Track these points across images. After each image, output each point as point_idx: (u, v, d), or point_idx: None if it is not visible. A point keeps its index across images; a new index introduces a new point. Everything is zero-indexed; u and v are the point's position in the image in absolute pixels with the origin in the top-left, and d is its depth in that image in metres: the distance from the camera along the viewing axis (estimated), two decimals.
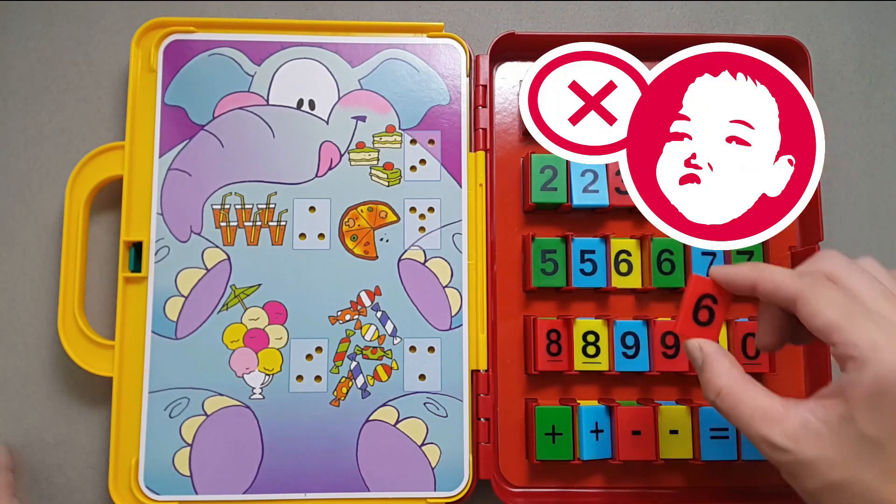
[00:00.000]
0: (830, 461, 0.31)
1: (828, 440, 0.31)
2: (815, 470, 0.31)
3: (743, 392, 0.33)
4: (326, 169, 0.46)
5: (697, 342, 0.36)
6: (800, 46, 0.48)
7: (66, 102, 0.49)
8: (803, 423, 0.31)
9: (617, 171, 0.46)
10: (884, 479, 0.30)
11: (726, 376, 0.34)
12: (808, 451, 0.31)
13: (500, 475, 0.45)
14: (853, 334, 0.30)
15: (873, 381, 0.30)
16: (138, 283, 0.45)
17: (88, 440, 0.46)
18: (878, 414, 0.30)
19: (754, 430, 0.33)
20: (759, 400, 0.33)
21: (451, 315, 0.45)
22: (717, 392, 0.34)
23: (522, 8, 0.51)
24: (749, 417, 0.33)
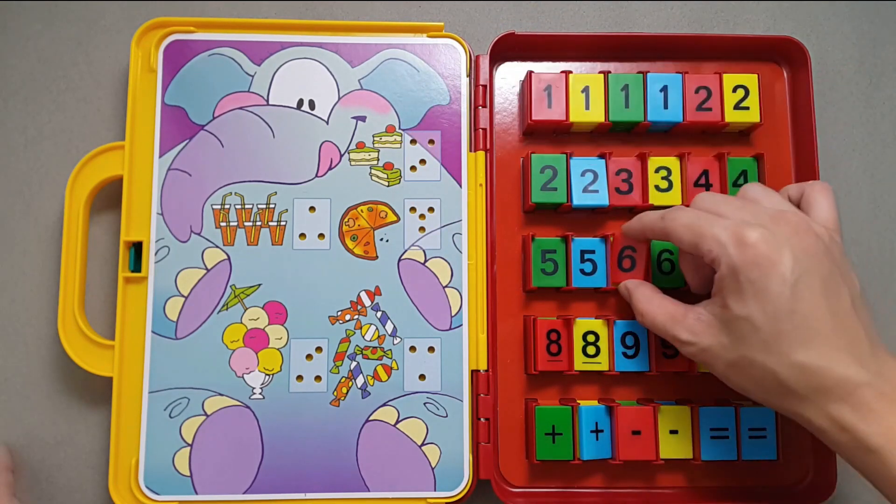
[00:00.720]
0: (723, 344, 0.37)
1: (717, 327, 0.38)
2: (715, 354, 0.38)
3: (658, 307, 0.41)
4: (326, 169, 0.46)
5: (623, 283, 0.44)
6: (800, 46, 0.48)
7: (66, 102, 0.49)
8: (697, 318, 0.39)
9: (617, 171, 0.46)
10: (764, 350, 0.36)
11: (644, 299, 0.42)
12: (705, 339, 0.38)
13: (500, 475, 0.45)
14: (706, 242, 0.37)
15: (728, 271, 0.36)
16: (138, 283, 0.45)
17: (88, 440, 0.46)
18: (740, 295, 0.36)
19: (668, 333, 0.40)
20: (667, 308, 0.40)
21: (451, 315, 0.45)
22: (642, 313, 0.42)
23: (522, 8, 0.51)
24: (663, 323, 0.40)
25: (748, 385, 0.37)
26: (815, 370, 0.35)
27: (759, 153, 0.47)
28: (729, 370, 0.38)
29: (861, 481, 0.46)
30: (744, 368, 0.37)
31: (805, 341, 0.35)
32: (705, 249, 0.37)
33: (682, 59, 0.49)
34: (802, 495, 0.45)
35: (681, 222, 0.39)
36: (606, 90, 0.46)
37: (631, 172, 0.46)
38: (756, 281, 0.35)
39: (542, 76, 0.47)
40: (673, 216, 0.40)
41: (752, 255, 0.36)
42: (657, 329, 0.41)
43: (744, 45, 0.49)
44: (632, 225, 0.43)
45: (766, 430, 0.44)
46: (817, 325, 0.35)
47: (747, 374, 0.37)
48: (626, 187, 0.46)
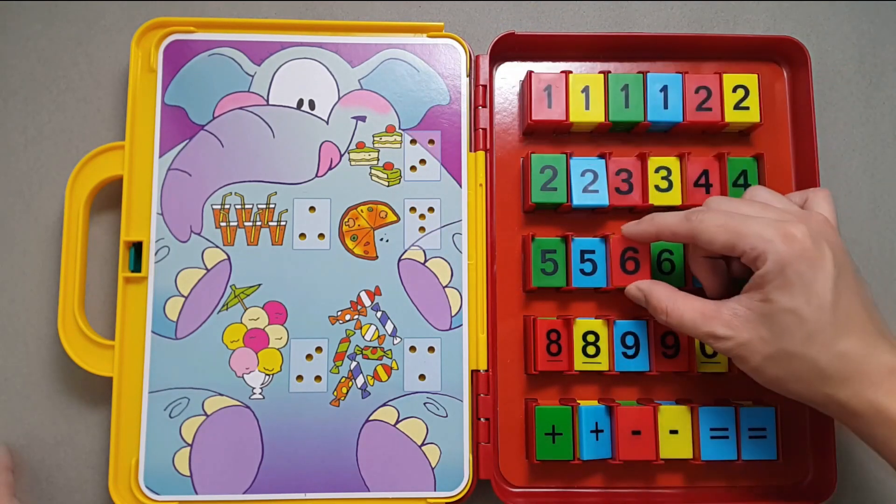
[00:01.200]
0: (763, 338, 0.38)
1: (756, 321, 0.38)
2: (753, 348, 0.38)
3: (683, 304, 0.41)
4: (326, 169, 0.46)
5: (634, 284, 0.44)
6: (800, 46, 0.48)
7: (66, 102, 0.49)
8: (734, 313, 0.39)
9: (617, 170, 0.46)
10: (808, 341, 0.37)
11: (666, 298, 0.41)
12: (743, 333, 0.38)
13: (500, 475, 0.45)
14: (748, 240, 0.38)
15: (776, 264, 0.37)
16: (138, 283, 0.45)
17: (88, 440, 0.46)
18: (787, 287, 0.37)
19: (701, 330, 0.39)
20: (695, 305, 0.40)
21: (451, 315, 0.45)
22: (665, 313, 0.41)
23: (522, 8, 0.51)
24: (693, 322, 0.40)
25: (785, 376, 0.38)
26: (855, 356, 0.36)
27: (759, 153, 0.47)
28: (766, 363, 0.38)
29: (861, 481, 0.46)
30: (782, 360, 0.37)
31: (847, 331, 0.37)
32: (747, 247, 0.38)
33: (682, 59, 0.49)
34: (802, 495, 0.45)
35: (714, 223, 0.39)
36: (606, 90, 0.46)
37: (631, 172, 0.46)
38: (804, 274, 0.37)
39: (542, 76, 0.47)
40: (701, 217, 0.40)
41: (799, 249, 0.37)
42: (685, 327, 0.40)
43: (744, 45, 0.49)
44: (642, 228, 0.43)
45: (766, 430, 0.44)
46: (855, 315, 0.37)
47: (786, 365, 0.38)
48: (626, 187, 0.46)
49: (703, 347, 0.45)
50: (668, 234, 0.41)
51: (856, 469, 0.47)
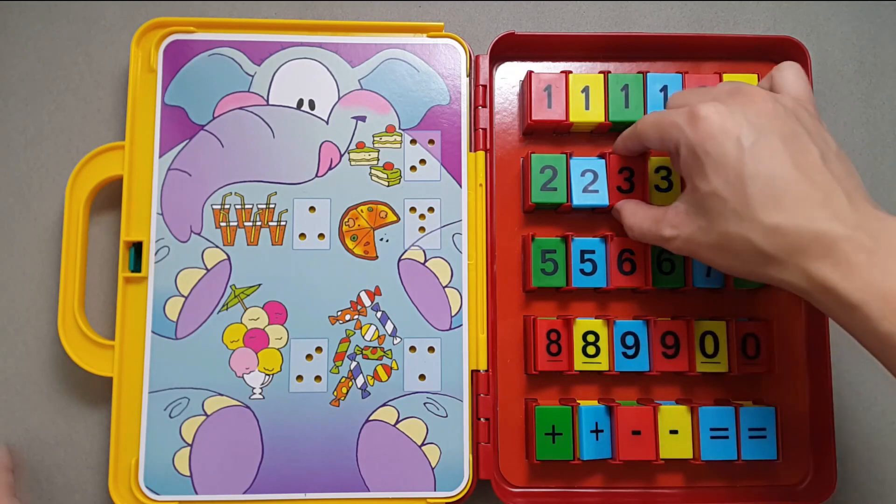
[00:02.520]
0: (702, 228, 0.37)
1: (692, 213, 0.38)
2: (698, 240, 0.38)
3: (642, 215, 0.42)
4: (326, 169, 0.46)
5: (616, 204, 0.45)
6: (800, 46, 0.48)
7: (66, 102, 0.49)
8: (676, 211, 0.39)
9: (618, 170, 0.46)
10: (737, 220, 0.35)
11: (630, 214, 0.43)
12: (685, 229, 0.38)
13: (500, 475, 0.45)
14: (667, 132, 0.38)
15: (687, 151, 0.37)
16: (138, 283, 0.45)
17: (88, 440, 0.46)
18: (701, 171, 0.36)
19: (655, 235, 0.40)
20: (649, 213, 0.42)
21: (451, 315, 0.45)
22: (630, 227, 0.43)
23: (522, 8, 0.51)
24: (648, 228, 0.41)
25: (732, 262, 0.37)
26: (788, 230, 0.34)
27: None
28: (713, 253, 0.38)
29: (861, 481, 0.46)
30: (724, 247, 0.37)
31: (774, 202, 0.34)
32: (669, 141, 0.38)
33: (682, 58, 0.49)
34: (802, 495, 0.45)
35: (648, 121, 0.40)
36: (606, 90, 0.46)
37: (632, 171, 0.46)
38: (712, 152, 0.36)
39: (542, 76, 0.47)
40: (642, 120, 0.41)
41: (704, 127, 0.36)
42: (646, 237, 0.41)
43: (744, 45, 0.49)
44: (617, 142, 0.45)
45: (766, 430, 0.44)
46: (783, 184, 0.34)
47: (729, 251, 0.36)
48: (627, 187, 0.46)
49: (703, 347, 0.45)
50: (629, 143, 0.43)
51: (856, 469, 0.47)
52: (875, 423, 0.48)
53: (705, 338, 0.45)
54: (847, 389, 0.47)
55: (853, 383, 0.48)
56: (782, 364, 0.46)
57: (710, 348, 0.45)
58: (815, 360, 0.46)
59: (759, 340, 0.45)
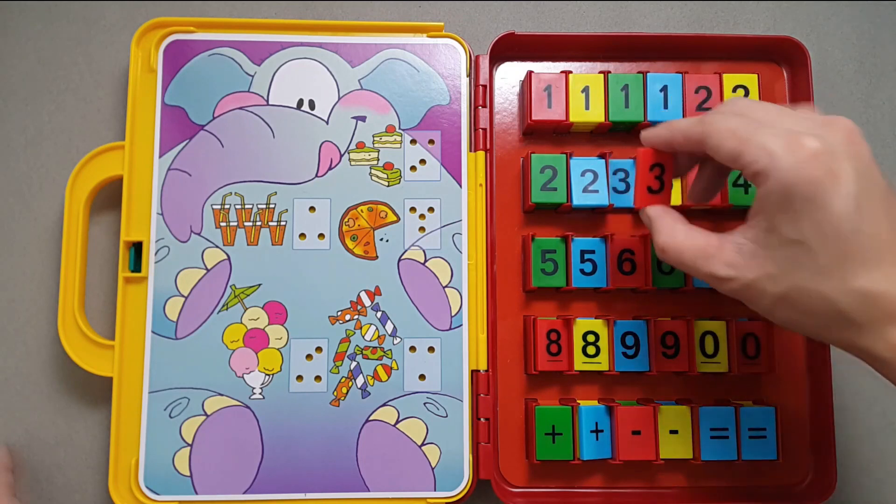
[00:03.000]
0: (770, 275, 0.32)
1: (762, 256, 0.33)
2: (761, 288, 0.33)
3: (683, 240, 0.36)
4: (326, 169, 0.46)
5: (647, 209, 0.39)
6: (800, 46, 0.48)
7: (66, 102, 0.49)
8: (737, 249, 0.33)
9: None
10: (819, 277, 0.31)
11: (668, 230, 0.37)
12: (747, 272, 0.33)
13: (500, 475, 0.45)
14: (751, 152, 0.32)
15: (779, 187, 0.31)
16: (138, 283, 0.45)
17: (88, 440, 0.46)
18: (792, 215, 0.31)
19: (701, 270, 0.35)
20: (697, 241, 0.35)
21: (451, 315, 0.45)
22: (662, 248, 0.36)
23: (522, 8, 0.51)
24: (693, 260, 0.35)
25: (800, 318, 0.33)
26: (879, 295, 0.30)
27: None
28: (776, 305, 0.33)
29: (861, 481, 0.46)
30: (795, 301, 0.32)
31: (869, 263, 0.30)
32: (748, 160, 0.32)
33: (682, 58, 0.49)
34: (802, 495, 0.45)
35: (725, 126, 0.33)
36: (606, 90, 0.46)
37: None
38: (814, 198, 0.30)
39: (542, 76, 0.47)
40: (713, 119, 0.34)
41: (808, 165, 0.30)
42: (685, 266, 0.35)
43: (744, 45, 0.49)
44: (659, 133, 0.38)
45: (766, 430, 0.44)
46: (881, 244, 0.31)
47: (799, 306, 0.32)
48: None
49: (703, 347, 0.45)
50: (680, 139, 0.37)
51: (856, 469, 0.47)
52: (875, 423, 0.48)
53: (705, 338, 0.45)
54: (847, 389, 0.47)
55: (853, 383, 0.48)
56: (782, 364, 0.46)
57: (710, 348, 0.45)
58: (815, 360, 0.46)
59: (759, 340, 0.45)
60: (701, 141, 0.35)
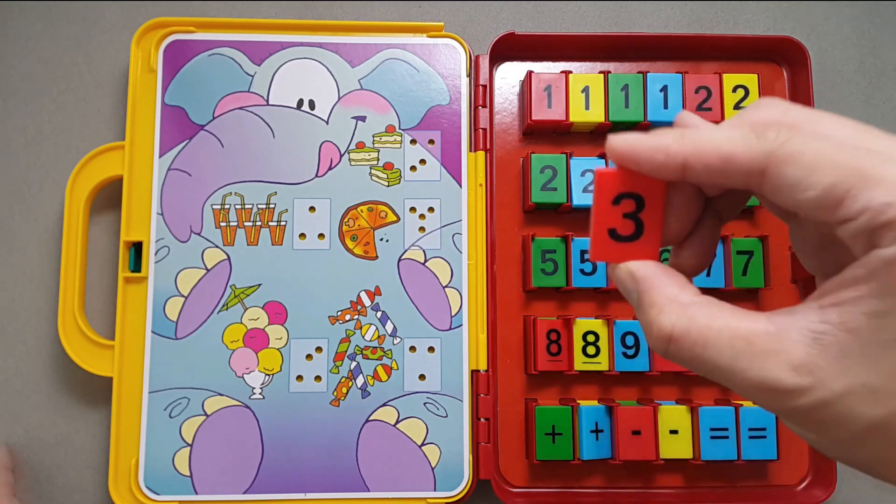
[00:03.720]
0: (871, 388, 0.20)
1: (860, 356, 0.20)
2: (849, 408, 0.20)
3: (709, 323, 0.22)
4: (326, 169, 0.46)
5: (627, 266, 0.25)
6: (800, 46, 0.48)
7: (65, 102, 0.49)
8: (815, 340, 0.20)
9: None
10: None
11: (676, 308, 0.22)
12: (833, 381, 0.20)
13: (500, 475, 0.45)
14: (880, 188, 0.19)
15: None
16: (138, 283, 0.45)
17: (88, 440, 0.46)
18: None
19: (745, 377, 0.21)
20: (735, 326, 0.21)
21: (450, 315, 0.45)
22: (669, 335, 0.22)
23: (522, 8, 0.51)
24: (730, 359, 0.21)
25: (893, 458, 0.21)
26: None
27: None
28: (867, 436, 0.21)
29: (861, 481, 0.46)
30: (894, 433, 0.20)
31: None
32: (878, 202, 0.19)
33: (681, 58, 0.49)
34: (802, 495, 0.45)
35: (816, 149, 0.21)
36: (606, 90, 0.46)
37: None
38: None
39: (542, 76, 0.47)
40: (787, 139, 0.21)
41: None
42: (711, 368, 0.22)
43: (744, 45, 0.49)
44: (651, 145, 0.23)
45: (766, 430, 0.44)
46: None
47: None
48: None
49: None
50: (713, 159, 0.22)
51: (855, 469, 0.47)
52: None
53: None
54: None
55: None
56: None
57: None
58: None
59: None
60: (758, 171, 0.21)
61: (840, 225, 0.20)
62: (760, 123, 0.22)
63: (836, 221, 0.20)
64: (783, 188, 0.21)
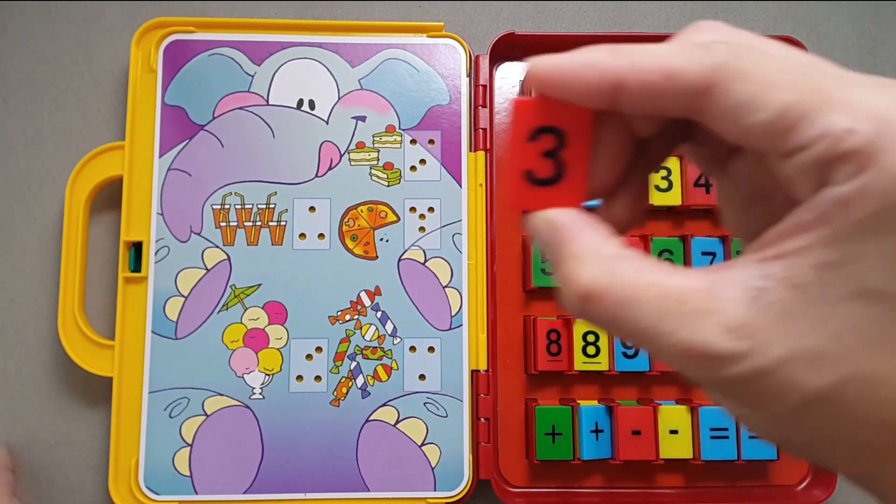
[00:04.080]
0: (816, 353, 0.17)
1: (805, 316, 0.17)
2: (790, 376, 0.17)
3: (634, 278, 0.18)
4: (326, 169, 0.46)
5: (546, 213, 0.20)
6: (800, 46, 0.47)
7: (66, 102, 0.49)
8: (755, 298, 0.17)
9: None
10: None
11: (598, 261, 0.19)
12: (773, 345, 0.17)
13: (500, 475, 0.45)
14: (844, 110, 0.17)
15: (890, 186, 0.16)
16: (138, 283, 0.45)
17: (88, 440, 0.46)
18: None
19: (671, 341, 0.17)
20: (663, 283, 0.18)
21: (450, 315, 0.45)
22: (587, 291, 0.18)
23: (522, 8, 0.51)
24: (656, 320, 0.18)
25: (843, 437, 0.17)
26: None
27: None
28: (809, 411, 0.17)
29: None
30: (848, 403, 0.17)
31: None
32: (830, 128, 0.16)
33: None
34: (802, 495, 0.45)
35: (766, 67, 0.18)
36: None
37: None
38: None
39: None
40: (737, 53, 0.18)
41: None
42: (635, 327, 0.18)
43: None
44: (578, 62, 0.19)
45: None
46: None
47: (852, 414, 0.17)
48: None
49: None
50: (655, 76, 0.19)
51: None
52: None
53: None
54: None
55: None
56: None
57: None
58: None
59: None
60: (704, 88, 0.18)
61: (789, 157, 0.17)
62: (706, 41, 0.20)
63: (787, 151, 0.17)
64: (730, 109, 0.18)
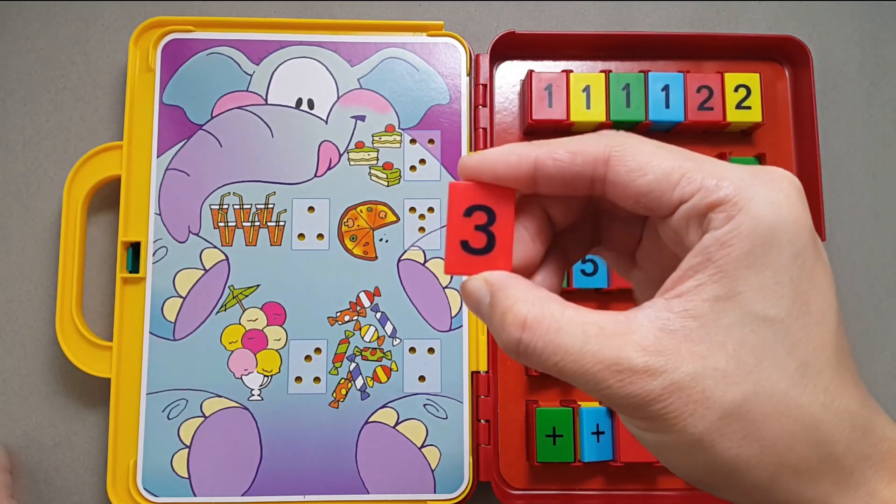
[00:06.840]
0: (722, 371, 0.20)
1: (704, 340, 0.20)
2: (703, 391, 0.20)
3: (561, 310, 0.22)
4: (325, 169, 0.46)
5: (482, 275, 0.24)
6: (802, 46, 0.47)
7: (64, 102, 0.49)
8: (663, 326, 0.20)
9: None
10: (800, 379, 0.20)
11: (530, 298, 0.22)
12: (682, 362, 0.20)
13: (500, 477, 0.45)
14: (712, 173, 0.21)
15: (757, 226, 0.20)
16: (136, 283, 0.45)
17: (86, 441, 0.46)
18: (772, 273, 0.20)
19: (597, 359, 0.20)
20: (585, 314, 0.22)
21: (450, 316, 0.45)
22: (523, 321, 0.22)
23: (523, 7, 0.51)
24: (582, 343, 0.21)
25: (751, 454, 0.20)
26: (863, 423, 0.21)
27: (761, 153, 0.47)
28: (719, 426, 0.20)
29: None
30: (746, 418, 0.20)
31: (850, 380, 0.21)
32: (705, 183, 0.21)
33: (683, 58, 0.49)
34: None
35: (652, 148, 0.22)
36: (607, 89, 0.46)
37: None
38: (814, 249, 0.21)
39: (543, 75, 0.46)
40: (632, 138, 0.23)
41: (802, 208, 0.21)
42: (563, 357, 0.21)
43: (745, 45, 0.48)
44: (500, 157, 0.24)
45: None
46: (851, 359, 0.22)
47: (757, 430, 0.20)
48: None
49: None
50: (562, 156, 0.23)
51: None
52: None
53: None
54: None
55: None
56: None
57: None
58: None
59: None
60: (602, 159, 0.22)
61: (674, 212, 0.21)
62: (599, 132, 0.24)
63: (672, 205, 0.21)
64: (622, 175, 0.22)
